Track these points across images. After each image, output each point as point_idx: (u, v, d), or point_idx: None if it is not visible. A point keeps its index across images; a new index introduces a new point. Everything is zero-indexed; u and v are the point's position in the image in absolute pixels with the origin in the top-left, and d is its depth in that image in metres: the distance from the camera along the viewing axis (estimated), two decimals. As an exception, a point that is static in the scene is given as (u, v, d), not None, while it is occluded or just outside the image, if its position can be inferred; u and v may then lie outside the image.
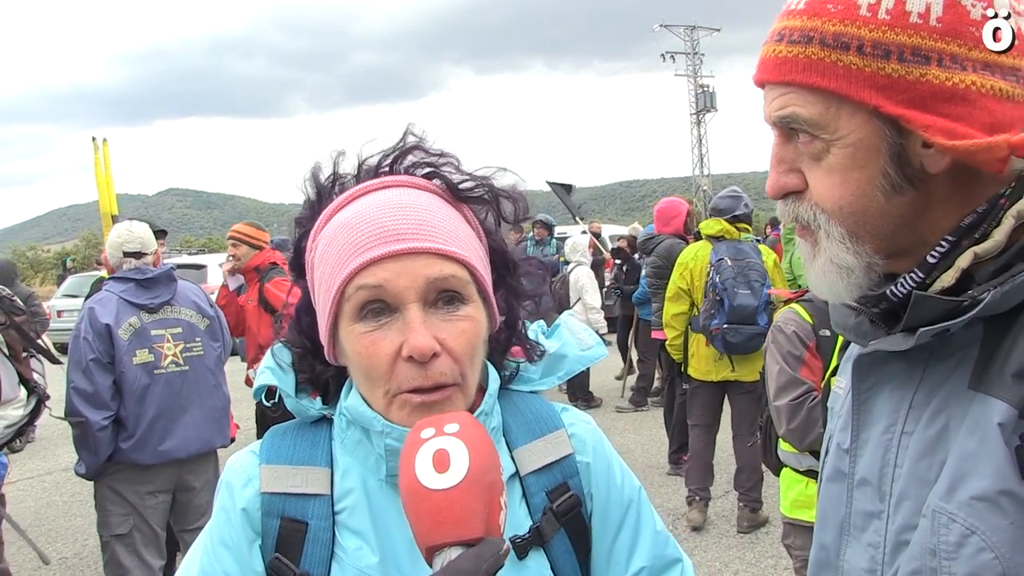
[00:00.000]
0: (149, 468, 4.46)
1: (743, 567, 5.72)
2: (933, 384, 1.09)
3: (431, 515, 0.97)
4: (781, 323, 3.49)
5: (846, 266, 1.11)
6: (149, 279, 4.52)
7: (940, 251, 1.06)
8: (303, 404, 1.29)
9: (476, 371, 1.21)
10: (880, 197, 1.06)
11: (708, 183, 57.19)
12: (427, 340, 1.11)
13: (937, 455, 1.05)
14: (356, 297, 1.14)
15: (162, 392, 4.45)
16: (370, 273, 1.13)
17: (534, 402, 1.37)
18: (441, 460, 0.98)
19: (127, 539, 4.44)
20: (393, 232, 1.13)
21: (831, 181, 1.07)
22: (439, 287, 1.14)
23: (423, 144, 1.28)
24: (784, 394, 3.36)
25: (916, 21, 0.99)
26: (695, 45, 59.36)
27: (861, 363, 1.18)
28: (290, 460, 1.25)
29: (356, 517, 1.21)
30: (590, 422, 1.40)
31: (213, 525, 1.25)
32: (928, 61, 0.99)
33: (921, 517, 1.04)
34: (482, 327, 1.20)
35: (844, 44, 1.01)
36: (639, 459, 8.28)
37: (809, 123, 1.06)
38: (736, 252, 6.13)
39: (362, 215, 1.17)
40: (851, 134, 1.04)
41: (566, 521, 1.26)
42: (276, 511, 1.21)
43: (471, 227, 1.25)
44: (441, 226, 1.17)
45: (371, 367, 1.14)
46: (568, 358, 1.40)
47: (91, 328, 4.33)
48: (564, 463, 1.30)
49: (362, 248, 1.13)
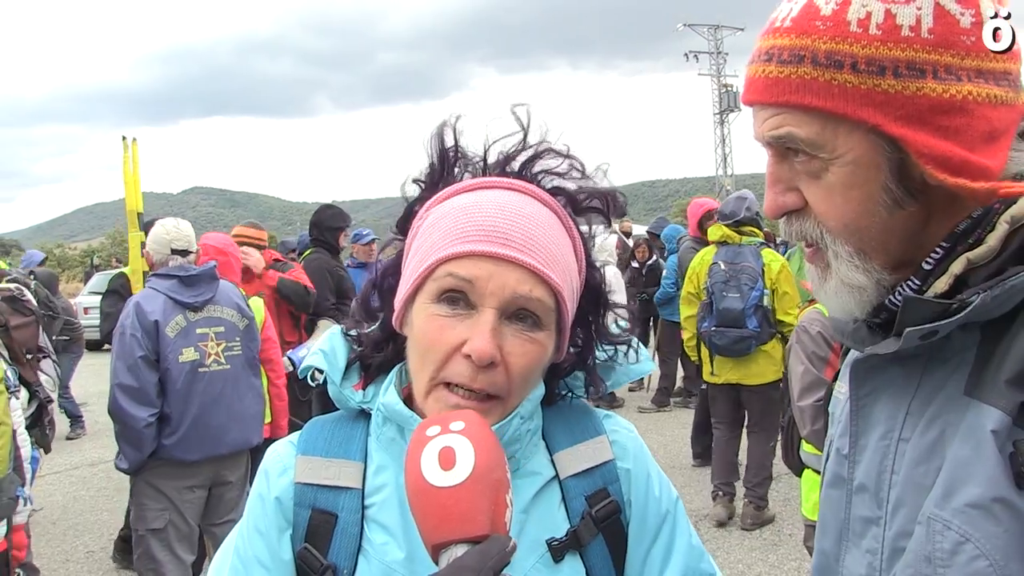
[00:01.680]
0: (191, 464, 4.51)
1: (766, 569, 5.69)
2: (930, 390, 1.07)
3: (437, 513, 0.97)
4: (806, 323, 3.46)
5: (858, 285, 1.10)
6: (192, 276, 4.55)
7: (935, 257, 1.06)
8: (345, 394, 1.30)
9: (525, 393, 1.21)
10: (883, 212, 1.05)
11: (731, 183, 56.87)
12: (490, 347, 1.11)
13: (933, 462, 1.04)
14: (443, 281, 1.14)
15: (205, 390, 4.49)
16: (464, 265, 1.13)
17: (577, 408, 1.37)
18: (447, 457, 0.98)
19: (162, 534, 4.48)
20: (502, 235, 1.14)
21: (833, 200, 1.06)
22: (522, 304, 1.14)
23: (554, 147, 1.28)
24: (808, 395, 3.33)
25: (908, 34, 0.98)
26: (719, 44, 59.08)
27: (859, 369, 1.18)
28: (326, 452, 1.26)
29: (386, 512, 1.21)
30: (632, 430, 1.39)
31: (249, 511, 1.27)
32: (924, 74, 0.98)
33: (917, 524, 1.03)
34: (546, 355, 1.21)
35: (837, 62, 0.99)
36: (661, 459, 8.18)
37: (806, 143, 1.04)
38: (733, 256, 6.33)
39: (480, 207, 1.17)
40: (850, 152, 1.02)
41: (604, 527, 1.25)
42: (307, 502, 1.22)
43: (576, 258, 1.26)
44: (548, 247, 1.17)
45: (430, 349, 1.15)
46: (617, 370, 1.39)
47: (139, 325, 4.35)
48: (604, 468, 1.29)
49: (468, 238, 1.14)
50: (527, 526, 1.22)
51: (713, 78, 59.02)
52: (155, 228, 4.83)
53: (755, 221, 6.53)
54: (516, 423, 1.21)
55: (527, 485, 1.24)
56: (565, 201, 1.27)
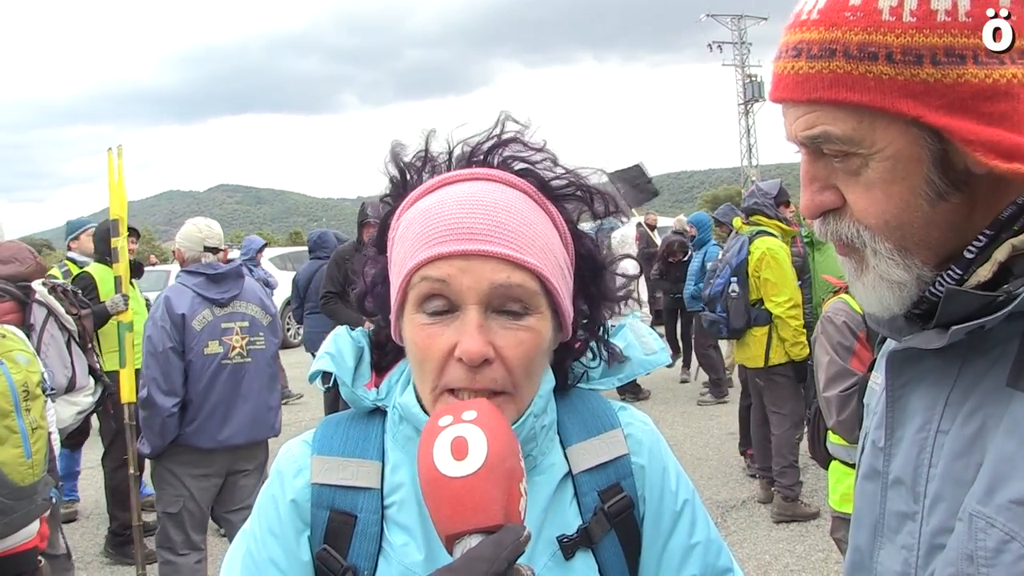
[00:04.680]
0: (208, 452, 4.72)
1: (793, 560, 5.68)
2: (970, 381, 1.03)
3: (450, 503, 0.96)
4: (831, 313, 3.45)
5: (898, 281, 1.05)
6: (220, 274, 4.78)
7: (977, 245, 1.01)
8: (358, 394, 1.28)
9: (533, 382, 1.19)
10: (925, 206, 1.00)
11: (756, 173, 56.43)
12: (479, 345, 1.09)
13: (974, 455, 1.00)
14: (420, 287, 1.13)
15: (226, 381, 4.71)
16: (436, 267, 1.11)
17: (591, 399, 1.34)
18: (459, 447, 0.97)
19: (177, 517, 4.73)
20: (467, 231, 1.11)
21: (872, 196, 1.02)
22: (503, 294, 1.11)
23: (522, 136, 1.25)
24: (834, 385, 3.32)
25: (944, 19, 0.93)
26: (742, 34, 58.59)
27: (895, 359, 1.13)
28: (342, 452, 1.24)
29: (404, 513, 1.20)
30: (648, 423, 1.37)
31: (262, 512, 1.25)
32: (964, 60, 0.93)
33: (957, 520, 0.99)
34: (544, 339, 1.17)
35: (871, 54, 0.95)
36: (688, 451, 8.24)
37: (843, 140, 1.00)
38: (729, 246, 6.90)
39: (443, 205, 1.15)
40: (889, 146, 0.98)
41: (617, 523, 1.24)
42: (326, 503, 1.21)
43: (558, 232, 1.23)
44: (519, 231, 1.14)
45: (424, 359, 1.13)
46: (631, 361, 1.37)
47: (168, 317, 4.58)
48: (618, 463, 1.27)
49: (434, 240, 1.12)
50: (545, 524, 1.21)
51: (737, 68, 58.55)
52: (187, 227, 5.04)
53: (759, 210, 6.77)
54: (530, 422, 1.20)
55: (545, 482, 1.23)
56: (536, 183, 1.23)
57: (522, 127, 1.26)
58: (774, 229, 6.68)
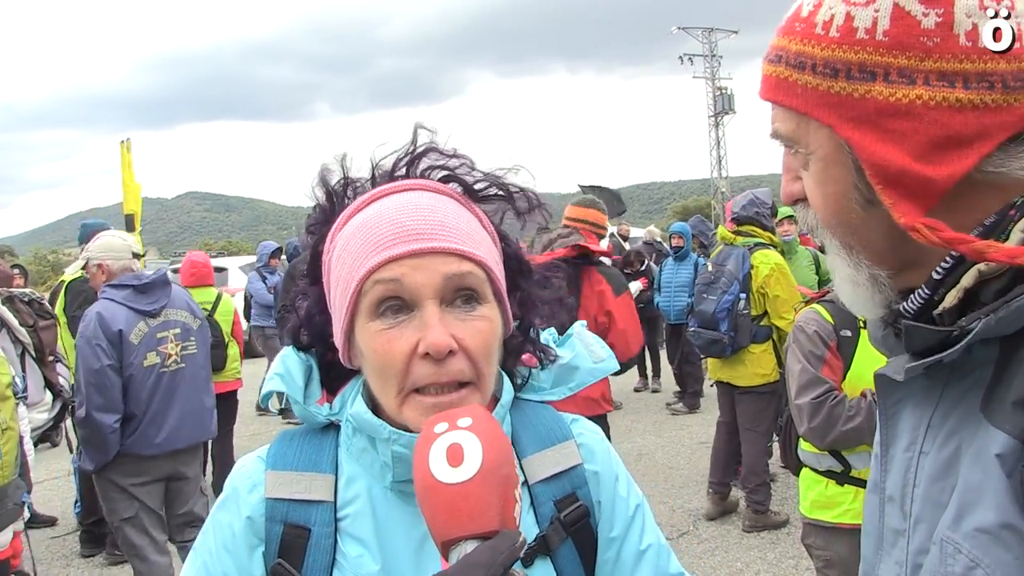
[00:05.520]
0: (149, 459, 4.76)
1: (764, 567, 5.73)
2: (950, 404, 1.05)
3: (446, 509, 0.96)
4: (803, 323, 3.50)
5: (851, 279, 1.10)
6: (147, 284, 4.81)
7: (945, 267, 1.01)
8: (311, 411, 1.29)
9: (492, 371, 1.21)
10: (858, 210, 1.04)
11: (726, 185, 56.91)
12: (444, 336, 1.11)
13: (949, 479, 1.01)
14: (373, 292, 1.15)
15: (164, 389, 4.80)
16: (388, 269, 1.14)
17: (543, 412, 1.37)
18: (455, 454, 0.98)
19: (135, 520, 4.75)
20: (412, 231, 1.15)
21: (816, 192, 1.08)
22: (456, 284, 1.15)
23: (436, 146, 1.29)
24: (806, 393, 3.36)
25: (863, 37, 0.98)
26: (713, 47, 59.10)
27: (883, 378, 1.15)
28: (295, 466, 1.26)
29: (359, 524, 1.22)
30: (598, 432, 1.40)
31: (217, 527, 1.26)
32: (874, 77, 0.98)
33: (932, 544, 1.01)
34: (498, 327, 1.21)
35: (802, 64, 1.02)
36: (660, 461, 8.28)
37: (787, 138, 1.09)
38: (722, 258, 6.40)
39: (382, 215, 1.18)
40: (819, 149, 1.05)
41: (574, 531, 1.26)
42: (280, 517, 1.22)
43: (487, 231, 1.27)
44: (459, 228, 1.19)
45: (387, 364, 1.15)
46: (580, 370, 1.40)
47: (102, 335, 4.55)
48: (573, 473, 1.30)
49: (381, 246, 1.15)
50: None
51: (708, 81, 59.04)
52: (108, 240, 5.06)
53: (756, 220, 6.45)
54: (502, 413, 1.24)
55: None
56: (459, 188, 1.28)
57: (433, 134, 1.30)
58: (767, 240, 6.44)
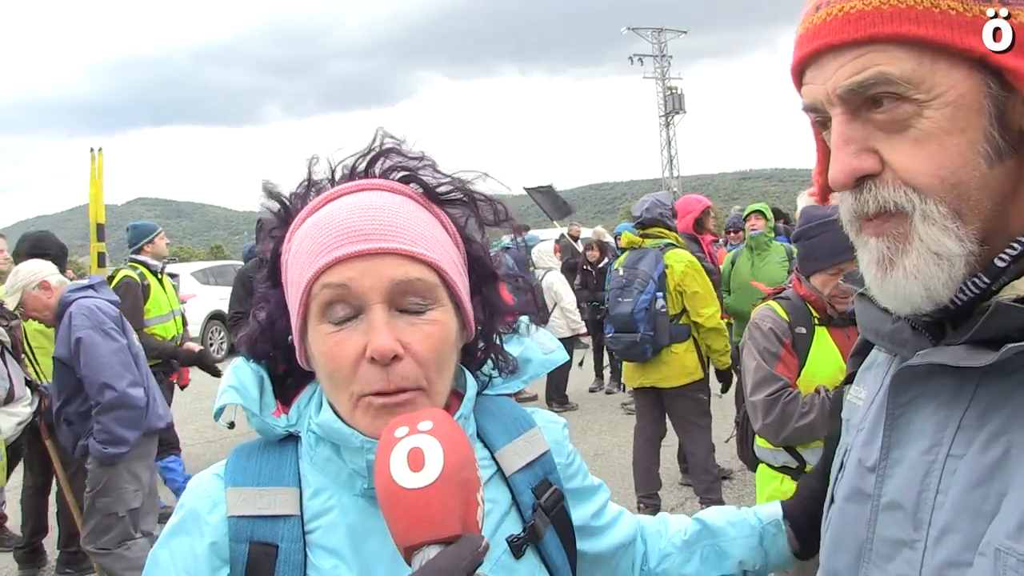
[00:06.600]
0: (152, 437, 5.07)
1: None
2: (989, 403, 0.94)
3: (408, 515, 0.96)
4: (758, 320, 3.52)
5: (947, 254, 0.93)
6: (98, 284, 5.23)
7: (1012, 253, 0.93)
8: (269, 423, 1.25)
9: (445, 376, 1.19)
10: (983, 165, 0.90)
11: (677, 185, 57.57)
12: (387, 341, 1.09)
13: (994, 484, 0.91)
14: (321, 296, 1.13)
15: (143, 367, 5.10)
16: (335, 272, 1.12)
17: (504, 404, 1.38)
18: (415, 458, 0.97)
19: (138, 511, 4.94)
20: (361, 232, 1.12)
21: (925, 151, 0.91)
22: (404, 289, 1.13)
23: (399, 147, 1.27)
24: (760, 389, 3.39)
25: None
26: (663, 48, 59.77)
27: (903, 375, 1.03)
28: (257, 481, 1.20)
29: (331, 536, 1.18)
30: (557, 420, 1.44)
31: (175, 551, 1.18)
32: None
33: (978, 555, 0.91)
34: (450, 331, 1.18)
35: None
36: (616, 460, 8.27)
37: (903, 80, 0.90)
38: (633, 261, 6.28)
39: (333, 215, 1.16)
40: (951, 90, 0.89)
41: (554, 516, 1.28)
42: (244, 535, 1.16)
43: (447, 232, 1.24)
44: (412, 228, 1.16)
45: (335, 368, 1.13)
46: (533, 362, 1.40)
47: (108, 320, 4.84)
48: (543, 459, 1.32)
49: (329, 247, 1.13)
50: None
51: (658, 81, 59.65)
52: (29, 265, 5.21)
53: (660, 222, 6.38)
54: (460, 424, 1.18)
55: None
56: (420, 189, 1.25)
57: (398, 141, 1.27)
58: (675, 240, 6.38)
